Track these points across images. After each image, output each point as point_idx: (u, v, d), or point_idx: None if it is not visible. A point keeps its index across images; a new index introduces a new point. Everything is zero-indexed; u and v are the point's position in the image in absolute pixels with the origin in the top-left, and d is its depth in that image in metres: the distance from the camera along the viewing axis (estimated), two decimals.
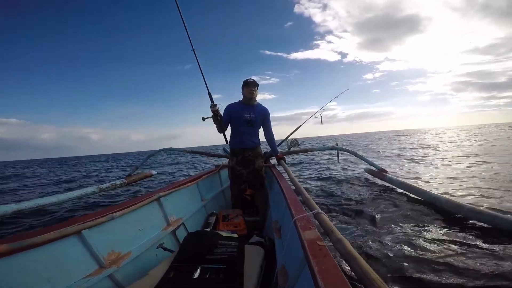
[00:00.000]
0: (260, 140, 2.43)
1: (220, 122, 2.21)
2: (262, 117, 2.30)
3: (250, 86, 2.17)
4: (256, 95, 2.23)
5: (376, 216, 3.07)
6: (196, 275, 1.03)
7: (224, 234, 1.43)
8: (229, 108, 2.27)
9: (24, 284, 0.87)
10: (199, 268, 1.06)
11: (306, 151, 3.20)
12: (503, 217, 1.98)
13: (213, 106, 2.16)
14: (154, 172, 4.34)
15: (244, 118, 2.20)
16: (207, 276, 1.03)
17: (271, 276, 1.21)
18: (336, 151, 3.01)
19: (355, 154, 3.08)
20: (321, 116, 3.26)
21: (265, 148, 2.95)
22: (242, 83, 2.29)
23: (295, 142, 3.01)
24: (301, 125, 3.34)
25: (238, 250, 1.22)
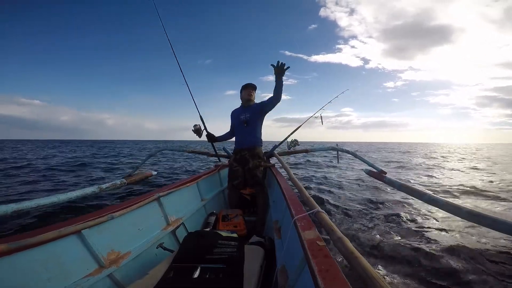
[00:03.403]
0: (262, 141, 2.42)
1: (208, 137, 2.55)
2: (259, 111, 2.29)
3: (248, 88, 2.30)
4: (254, 97, 2.35)
5: (376, 216, 3.08)
6: (196, 275, 1.02)
7: (224, 234, 1.43)
8: (232, 113, 2.48)
9: (24, 283, 0.87)
10: (199, 268, 1.06)
11: (306, 151, 3.20)
12: (502, 221, 1.99)
13: (194, 127, 2.52)
14: (154, 173, 4.33)
15: (241, 119, 2.33)
16: (207, 276, 1.02)
17: (271, 276, 1.21)
18: (336, 151, 3.01)
19: (355, 155, 3.06)
20: (321, 117, 3.25)
21: (266, 148, 2.95)
22: (241, 88, 2.39)
23: (295, 142, 3.00)
24: (300, 126, 3.33)
25: (238, 250, 1.22)
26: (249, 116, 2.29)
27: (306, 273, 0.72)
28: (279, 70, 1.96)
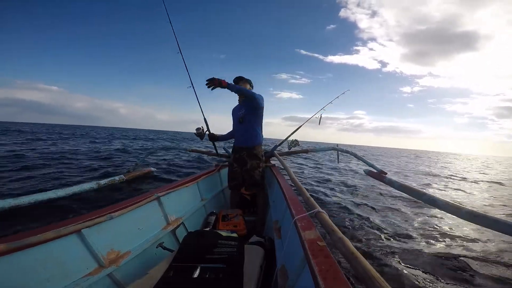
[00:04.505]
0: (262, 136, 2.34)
1: (209, 136, 2.55)
2: (250, 104, 2.15)
3: (238, 83, 2.21)
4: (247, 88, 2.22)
5: (376, 216, 3.08)
6: (195, 275, 1.02)
7: (224, 233, 1.43)
8: (232, 111, 2.40)
9: (23, 283, 0.87)
10: (199, 267, 1.06)
11: (306, 151, 3.20)
12: (502, 221, 1.99)
13: (197, 130, 2.50)
14: (153, 169, 4.34)
15: (237, 116, 2.27)
16: (207, 275, 1.02)
17: (271, 276, 1.21)
18: (336, 152, 3.02)
19: (355, 156, 3.08)
20: (320, 117, 3.26)
21: (268, 147, 2.94)
22: None
23: (295, 142, 3.01)
24: (301, 126, 3.34)
25: (238, 250, 1.22)
26: (244, 113, 2.20)
27: (306, 273, 0.72)
28: (212, 85, 1.87)
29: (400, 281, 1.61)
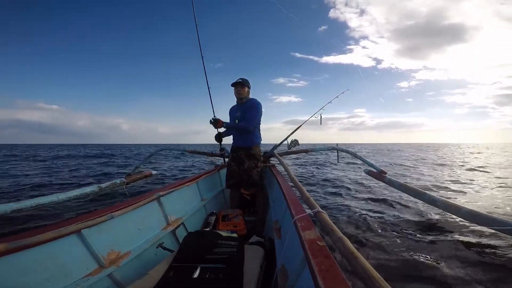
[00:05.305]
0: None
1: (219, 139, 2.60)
2: (247, 109, 2.24)
3: (236, 87, 2.26)
4: (245, 92, 2.28)
5: (376, 216, 3.08)
6: (196, 275, 1.02)
7: (224, 234, 1.43)
8: (229, 110, 2.45)
9: (23, 283, 0.87)
10: (199, 267, 1.06)
11: (306, 151, 3.20)
12: (501, 220, 1.99)
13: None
14: (154, 172, 4.34)
15: (234, 117, 2.32)
16: (207, 275, 1.02)
17: (271, 276, 1.21)
18: (336, 151, 3.01)
19: (355, 155, 3.08)
20: (321, 117, 3.26)
21: (266, 148, 2.94)
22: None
23: (295, 142, 3.01)
24: (300, 126, 3.34)
25: (238, 250, 1.22)
26: (240, 115, 2.26)
27: (306, 273, 0.72)
28: (215, 126, 2.29)
29: (400, 282, 1.61)
